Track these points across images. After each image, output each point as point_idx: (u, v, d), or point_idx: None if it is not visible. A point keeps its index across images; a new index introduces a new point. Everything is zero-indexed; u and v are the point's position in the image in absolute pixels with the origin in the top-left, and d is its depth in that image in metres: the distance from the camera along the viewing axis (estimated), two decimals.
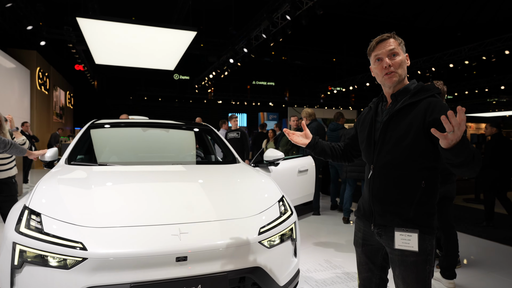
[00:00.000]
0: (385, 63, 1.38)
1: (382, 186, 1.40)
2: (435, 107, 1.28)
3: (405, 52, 1.44)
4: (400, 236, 1.32)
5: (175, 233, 1.72)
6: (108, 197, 1.94)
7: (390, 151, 1.36)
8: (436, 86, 1.38)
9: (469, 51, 14.52)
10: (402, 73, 1.39)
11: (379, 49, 1.41)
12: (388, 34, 1.44)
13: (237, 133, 6.08)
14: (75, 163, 2.57)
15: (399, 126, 1.35)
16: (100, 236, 1.64)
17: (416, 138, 1.30)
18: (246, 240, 1.82)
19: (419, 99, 1.34)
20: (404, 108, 1.36)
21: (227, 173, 2.59)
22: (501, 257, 3.62)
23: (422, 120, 1.29)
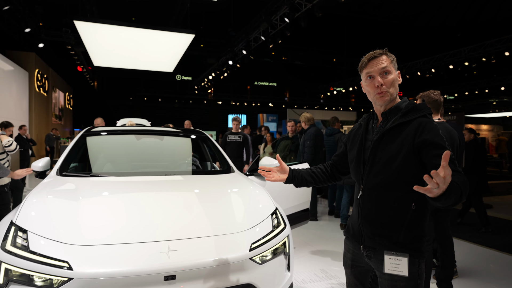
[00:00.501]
0: (377, 81, 1.35)
1: (372, 207, 1.36)
2: (425, 128, 1.26)
3: (397, 69, 1.41)
4: (389, 260, 1.29)
5: (164, 250, 1.69)
6: (97, 213, 1.91)
7: (380, 172, 1.33)
8: (427, 106, 1.36)
9: (469, 53, 14.48)
10: (394, 92, 1.37)
11: (371, 66, 1.37)
12: (380, 50, 1.39)
13: (239, 136, 5.86)
14: (67, 174, 2.54)
15: (389, 146, 1.32)
16: (87, 254, 1.61)
17: (406, 159, 1.27)
18: (237, 256, 1.79)
19: (410, 119, 1.31)
20: (394, 128, 1.33)
21: (220, 185, 2.55)
22: (499, 266, 3.58)
23: (412, 141, 1.27)
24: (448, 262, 2.72)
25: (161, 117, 23.94)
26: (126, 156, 3.09)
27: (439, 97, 2.64)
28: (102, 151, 3.09)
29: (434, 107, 2.66)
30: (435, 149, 1.21)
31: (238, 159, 5.74)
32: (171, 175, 2.65)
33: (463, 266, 3.49)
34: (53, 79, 15.11)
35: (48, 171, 2.72)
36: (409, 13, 17.02)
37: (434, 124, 1.28)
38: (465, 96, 24.69)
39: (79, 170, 3.01)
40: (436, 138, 1.23)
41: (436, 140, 1.23)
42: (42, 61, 13.36)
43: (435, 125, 1.28)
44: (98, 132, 3.17)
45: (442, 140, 1.23)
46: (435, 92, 2.65)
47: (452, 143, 2.58)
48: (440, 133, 1.26)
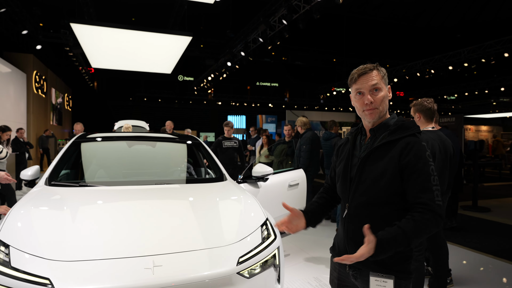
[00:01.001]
0: (367, 99, 1.31)
1: (357, 227, 1.31)
2: (411, 150, 1.24)
3: (387, 84, 1.37)
4: (375, 282, 1.26)
5: (148, 266, 1.65)
6: (82, 226, 1.88)
7: (366, 191, 1.30)
8: (416, 124, 1.33)
9: (469, 53, 14.43)
10: (383, 109, 1.34)
11: (361, 82, 1.33)
12: (371, 65, 1.35)
13: (234, 142, 5.73)
14: (56, 183, 2.51)
15: (376, 165, 1.29)
16: (69, 271, 1.58)
17: (393, 178, 1.25)
18: (224, 271, 1.75)
19: (398, 137, 1.28)
20: (382, 146, 1.30)
21: (210, 195, 2.52)
22: (496, 274, 3.54)
23: (397, 161, 1.25)
24: (441, 272, 2.69)
25: (161, 118, 23.92)
26: (117, 163, 3.06)
27: (432, 105, 2.61)
28: (93, 159, 3.06)
29: (428, 115, 2.63)
30: (416, 175, 1.22)
31: (235, 166, 5.66)
32: (161, 184, 2.62)
33: (458, 274, 3.45)
34: (51, 81, 15.09)
35: (37, 179, 2.69)
36: (409, 13, 16.98)
37: (422, 145, 1.26)
38: (464, 97, 24.64)
39: (70, 177, 2.98)
40: (418, 163, 1.22)
41: (418, 166, 1.22)
42: (40, 63, 13.33)
43: (422, 147, 1.25)
44: (89, 139, 3.14)
45: (426, 165, 1.23)
46: (429, 100, 2.62)
47: (446, 152, 2.54)
48: (426, 155, 1.24)
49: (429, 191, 1.20)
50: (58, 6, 11.78)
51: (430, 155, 1.25)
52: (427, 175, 1.21)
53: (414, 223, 1.17)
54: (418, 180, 1.21)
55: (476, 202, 6.71)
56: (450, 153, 2.57)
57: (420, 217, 1.18)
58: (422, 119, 2.65)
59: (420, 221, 1.17)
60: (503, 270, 3.61)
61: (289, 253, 3.92)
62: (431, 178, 1.21)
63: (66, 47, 12.76)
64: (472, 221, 5.82)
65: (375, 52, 21.86)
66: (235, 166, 5.63)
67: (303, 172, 3.77)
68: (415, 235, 1.16)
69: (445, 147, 2.54)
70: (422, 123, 2.66)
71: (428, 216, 1.17)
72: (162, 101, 25.79)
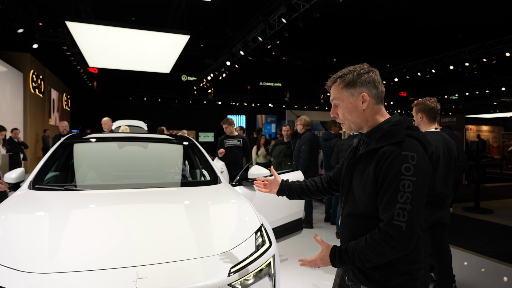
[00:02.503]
0: (331, 113, 1.32)
1: (348, 237, 1.27)
2: (386, 162, 1.12)
3: (357, 92, 1.22)
4: None
5: (132, 278, 1.53)
6: (62, 235, 1.76)
7: (354, 200, 1.25)
8: (404, 131, 1.16)
9: (470, 53, 14.31)
10: (355, 120, 1.24)
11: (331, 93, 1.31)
12: (330, 80, 1.28)
13: (238, 140, 5.27)
14: (40, 187, 2.39)
15: (361, 175, 1.22)
16: (45, 284, 1.45)
17: (373, 192, 1.17)
18: (214, 283, 1.63)
19: (380, 146, 1.16)
20: (366, 154, 1.21)
21: (201, 199, 2.39)
22: (500, 279, 3.43)
23: (373, 172, 1.16)
24: (445, 279, 2.57)
25: (161, 118, 23.82)
26: (107, 165, 2.93)
27: (435, 105, 2.48)
28: (82, 161, 2.94)
29: (431, 115, 2.50)
30: (384, 190, 1.12)
31: (240, 166, 5.22)
32: (151, 188, 2.49)
33: (462, 279, 3.34)
34: (49, 80, 14.97)
35: (22, 182, 2.57)
36: (410, 13, 16.85)
37: (401, 156, 1.10)
38: (465, 97, 24.50)
39: (59, 179, 2.86)
40: (388, 177, 1.10)
41: (388, 180, 1.11)
42: (37, 62, 13.20)
43: (399, 159, 1.10)
44: (78, 140, 3.02)
45: (397, 179, 1.09)
46: (431, 99, 2.49)
47: (450, 154, 2.42)
48: (402, 168, 1.09)
49: (390, 209, 1.10)
50: (55, 5, 11.65)
51: (409, 168, 1.09)
52: (395, 191, 1.09)
53: (365, 241, 1.15)
54: (385, 195, 1.12)
55: (479, 203, 6.59)
56: (454, 154, 2.45)
57: (370, 237, 1.13)
58: (425, 120, 2.52)
59: (370, 241, 1.13)
60: (507, 274, 3.50)
61: (286, 257, 3.80)
62: (399, 195, 1.09)
63: (63, 46, 12.64)
64: (474, 223, 5.69)
65: (375, 52, 21.73)
66: (237, 167, 5.19)
67: (302, 174, 3.64)
68: (364, 257, 1.13)
69: (449, 149, 2.43)
70: (424, 124, 2.53)
71: (377, 238, 1.11)
72: (162, 101, 25.65)
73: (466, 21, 15.90)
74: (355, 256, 1.16)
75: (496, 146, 16.56)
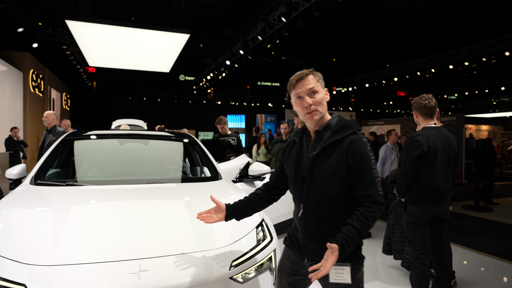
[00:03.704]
0: (306, 102, 1.41)
1: (314, 224, 1.43)
2: (355, 148, 1.36)
3: (324, 87, 1.47)
4: (334, 271, 1.37)
5: (134, 271, 1.54)
6: (64, 228, 1.77)
7: (319, 189, 1.40)
8: (355, 122, 1.42)
9: (469, 53, 14.32)
10: (322, 110, 1.44)
11: (299, 87, 1.43)
12: (307, 71, 1.44)
13: (232, 138, 5.21)
14: (41, 182, 2.40)
15: (326, 164, 1.39)
16: (47, 276, 1.46)
17: (343, 176, 1.37)
18: (215, 276, 1.64)
19: (342, 137, 1.39)
20: (328, 146, 1.40)
21: (202, 195, 2.39)
22: (499, 276, 3.44)
23: (344, 159, 1.36)
24: (444, 275, 2.58)
25: (160, 118, 23.79)
26: (108, 162, 2.94)
27: (428, 101, 2.47)
28: (83, 157, 2.95)
29: (425, 113, 2.50)
30: (361, 171, 1.35)
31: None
32: (152, 183, 2.50)
33: (462, 276, 3.35)
34: (49, 79, 14.96)
35: (23, 178, 2.58)
36: (409, 13, 16.87)
37: (363, 142, 1.37)
38: (465, 96, 24.53)
39: (60, 176, 2.87)
40: (362, 161, 1.35)
41: (362, 163, 1.35)
42: (37, 61, 13.19)
43: (364, 144, 1.37)
44: (79, 137, 3.02)
45: (368, 161, 1.35)
46: (425, 96, 2.49)
47: (449, 149, 2.43)
48: (367, 151, 1.36)
49: (372, 185, 1.35)
50: (55, 4, 11.65)
51: (370, 150, 1.38)
52: (370, 170, 1.35)
53: (364, 219, 1.33)
54: (363, 175, 1.35)
55: (478, 202, 6.60)
56: (454, 150, 2.46)
57: (367, 212, 1.33)
58: (420, 117, 2.54)
59: (369, 215, 1.33)
60: (507, 271, 3.51)
61: None
62: (373, 172, 1.36)
63: (63, 45, 12.64)
64: (474, 221, 5.71)
65: (374, 51, 21.74)
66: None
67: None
68: (366, 229, 1.34)
69: (448, 144, 2.43)
70: (421, 121, 2.54)
71: (373, 209, 1.34)
72: (161, 100, 25.64)
73: (465, 22, 15.92)
74: (359, 236, 1.33)
75: (495, 146, 16.57)
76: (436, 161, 2.36)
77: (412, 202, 2.45)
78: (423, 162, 2.37)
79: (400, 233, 3.05)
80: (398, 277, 3.34)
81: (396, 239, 3.09)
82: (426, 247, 2.43)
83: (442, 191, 2.39)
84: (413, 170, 2.38)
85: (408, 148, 2.41)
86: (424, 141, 2.36)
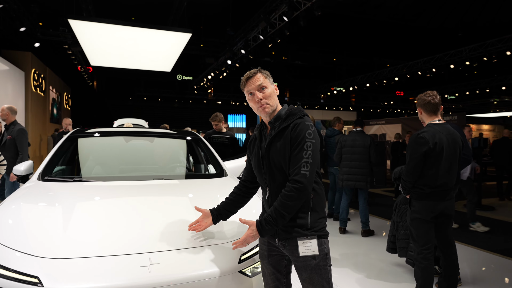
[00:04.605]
0: (257, 97, 1.57)
1: None
2: (296, 129, 1.51)
3: (273, 83, 1.64)
4: (302, 245, 1.50)
5: (145, 264, 1.55)
6: (74, 222, 1.78)
7: (276, 173, 1.55)
8: (301, 109, 1.59)
9: (470, 52, 14.33)
10: (273, 103, 1.60)
11: (249, 85, 1.59)
12: (255, 70, 1.61)
13: (226, 138, 4.98)
14: (49, 178, 2.41)
15: (276, 149, 1.54)
16: (60, 269, 1.48)
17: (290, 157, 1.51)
18: (225, 270, 1.65)
19: (289, 123, 1.54)
20: (278, 133, 1.56)
21: (209, 190, 2.41)
22: (503, 273, 3.45)
23: (289, 141, 1.51)
24: (451, 271, 2.59)
25: (161, 117, 23.79)
26: (114, 159, 2.95)
27: (432, 98, 2.48)
28: (89, 154, 2.96)
29: (429, 110, 2.51)
30: (295, 149, 1.49)
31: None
32: (159, 180, 2.52)
33: (466, 273, 3.36)
34: (50, 79, 14.97)
35: (30, 175, 2.59)
36: (409, 13, 16.86)
37: (305, 125, 1.51)
38: (465, 96, 24.53)
39: (66, 173, 2.88)
40: (298, 139, 1.48)
41: (297, 141, 1.48)
42: (39, 61, 13.19)
43: (305, 126, 1.50)
44: (84, 135, 3.03)
45: (302, 140, 1.48)
46: (431, 93, 2.50)
47: (454, 145, 2.44)
48: (306, 133, 1.49)
49: (297, 163, 1.47)
50: (57, 4, 11.66)
51: (310, 133, 1.49)
52: (301, 150, 1.47)
53: (282, 198, 1.48)
54: (295, 154, 1.48)
55: (480, 200, 6.61)
56: (459, 146, 2.47)
57: (285, 191, 1.48)
58: (424, 114, 2.55)
59: (285, 194, 1.47)
60: (510, 269, 3.52)
61: None
62: (303, 153, 1.47)
63: (64, 45, 12.65)
64: (477, 219, 5.71)
65: (375, 51, 21.72)
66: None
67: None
68: (284, 207, 1.46)
69: (453, 140, 2.44)
70: (425, 118, 2.55)
71: (289, 188, 1.46)
72: (162, 100, 25.65)
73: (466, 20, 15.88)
74: (277, 215, 1.47)
75: None
76: (442, 158, 2.37)
77: (417, 198, 2.46)
78: (429, 158, 2.38)
79: (405, 230, 3.06)
80: (402, 274, 3.35)
81: (400, 236, 3.10)
82: (430, 243, 2.44)
83: (447, 187, 2.40)
84: (419, 167, 2.39)
85: (414, 145, 2.42)
86: (430, 137, 2.36)
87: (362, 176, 4.47)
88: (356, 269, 3.48)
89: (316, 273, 1.51)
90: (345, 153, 4.59)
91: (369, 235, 4.63)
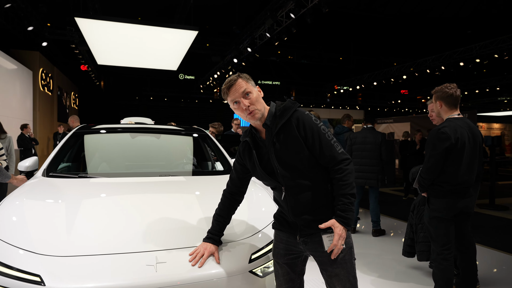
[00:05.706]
0: (243, 105, 1.47)
1: (299, 202, 1.48)
2: (303, 123, 1.46)
3: (255, 85, 1.54)
4: (327, 239, 1.42)
5: (151, 263, 1.48)
6: (78, 219, 1.72)
7: (291, 171, 1.47)
8: (293, 101, 1.52)
9: (480, 49, 14.05)
10: (261, 107, 1.50)
11: (232, 93, 1.49)
12: (234, 76, 1.51)
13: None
14: (54, 175, 2.35)
15: (285, 148, 1.46)
16: (63, 267, 1.41)
17: (303, 150, 1.45)
18: (234, 270, 1.57)
19: (287, 118, 1.47)
20: (279, 132, 1.48)
21: (217, 187, 2.33)
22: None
23: (298, 135, 1.45)
24: (470, 272, 2.48)
25: (167, 117, 23.84)
26: (119, 155, 2.89)
27: (454, 91, 2.37)
28: (94, 150, 2.90)
29: (450, 103, 2.39)
30: (318, 141, 1.45)
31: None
32: (166, 176, 2.45)
33: (484, 274, 3.24)
34: (58, 79, 15.06)
35: (35, 171, 2.54)
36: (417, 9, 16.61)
37: (307, 116, 1.47)
38: (475, 94, 24.14)
39: (71, 170, 2.83)
40: (314, 132, 1.45)
41: (314, 134, 1.45)
42: (46, 60, 13.29)
43: (308, 117, 1.47)
44: (90, 131, 2.98)
45: (318, 129, 1.46)
46: (451, 85, 2.39)
47: (475, 140, 2.33)
48: (313, 121, 1.47)
49: (330, 148, 1.45)
50: (64, 3, 11.69)
51: (316, 119, 1.49)
52: (323, 136, 1.46)
53: (341, 182, 1.44)
54: (321, 144, 1.45)
55: (494, 200, 6.45)
56: (479, 141, 2.35)
57: (339, 175, 1.44)
58: (444, 107, 2.42)
59: (342, 177, 1.43)
60: None
61: None
62: (326, 136, 1.46)
63: (71, 44, 12.70)
64: (490, 219, 5.57)
65: (382, 49, 21.47)
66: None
67: None
68: (348, 188, 1.43)
69: (474, 135, 2.33)
70: (444, 112, 2.43)
71: (341, 169, 1.44)
72: (168, 99, 25.71)
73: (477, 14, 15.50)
74: (348, 198, 1.42)
75: (508, 144, 16.26)
76: (463, 153, 2.25)
77: (436, 195, 2.34)
78: (450, 155, 2.25)
79: (424, 232, 2.87)
80: (420, 276, 3.23)
81: (420, 239, 2.90)
82: (450, 243, 2.33)
83: (468, 184, 2.29)
84: (439, 164, 2.27)
85: (435, 141, 2.28)
86: (452, 132, 2.24)
87: (373, 174, 4.36)
88: (370, 270, 3.38)
89: (342, 268, 1.47)
90: (355, 150, 4.49)
91: (380, 235, 4.51)
